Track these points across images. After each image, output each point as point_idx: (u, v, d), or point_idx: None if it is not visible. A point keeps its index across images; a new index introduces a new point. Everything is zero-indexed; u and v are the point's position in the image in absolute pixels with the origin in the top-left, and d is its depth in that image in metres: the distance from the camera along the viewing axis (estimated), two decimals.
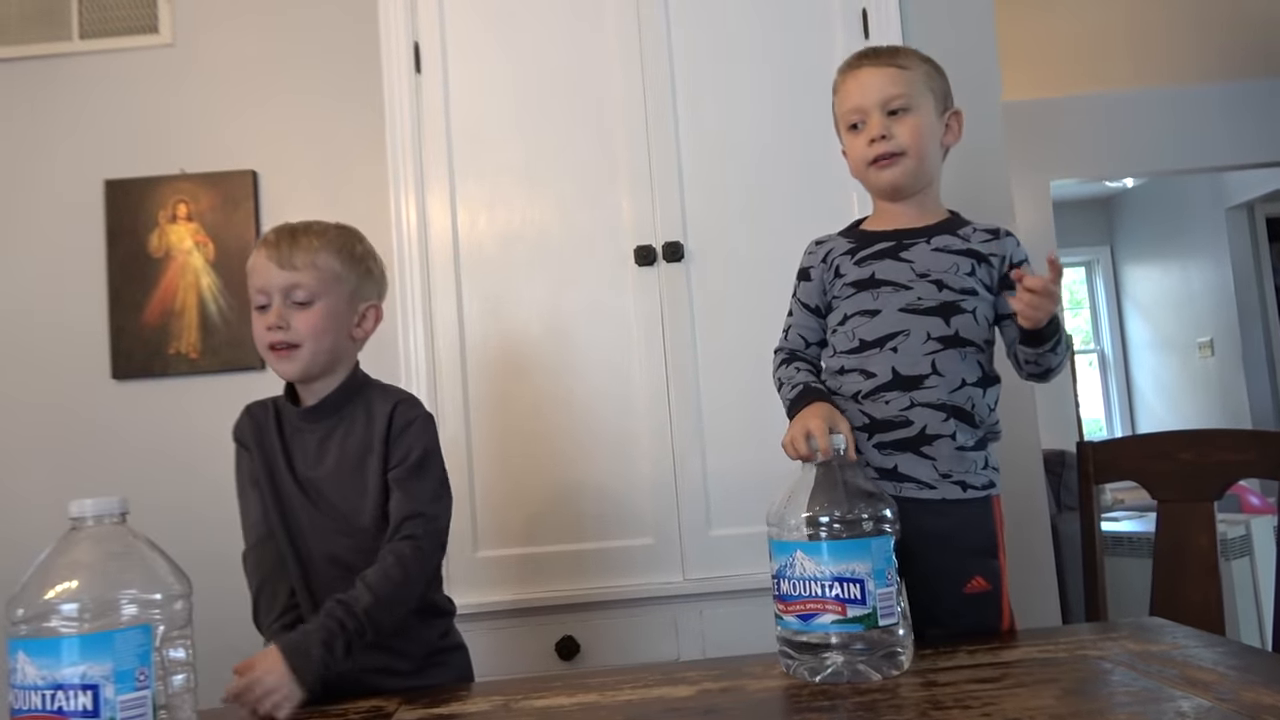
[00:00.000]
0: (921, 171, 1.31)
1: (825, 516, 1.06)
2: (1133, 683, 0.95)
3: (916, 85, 1.30)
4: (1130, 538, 2.88)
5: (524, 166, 2.03)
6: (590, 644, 1.89)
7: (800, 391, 1.27)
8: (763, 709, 0.98)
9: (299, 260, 1.25)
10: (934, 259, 1.28)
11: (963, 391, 1.26)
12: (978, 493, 1.27)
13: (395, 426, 1.28)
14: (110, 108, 2.29)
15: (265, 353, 1.28)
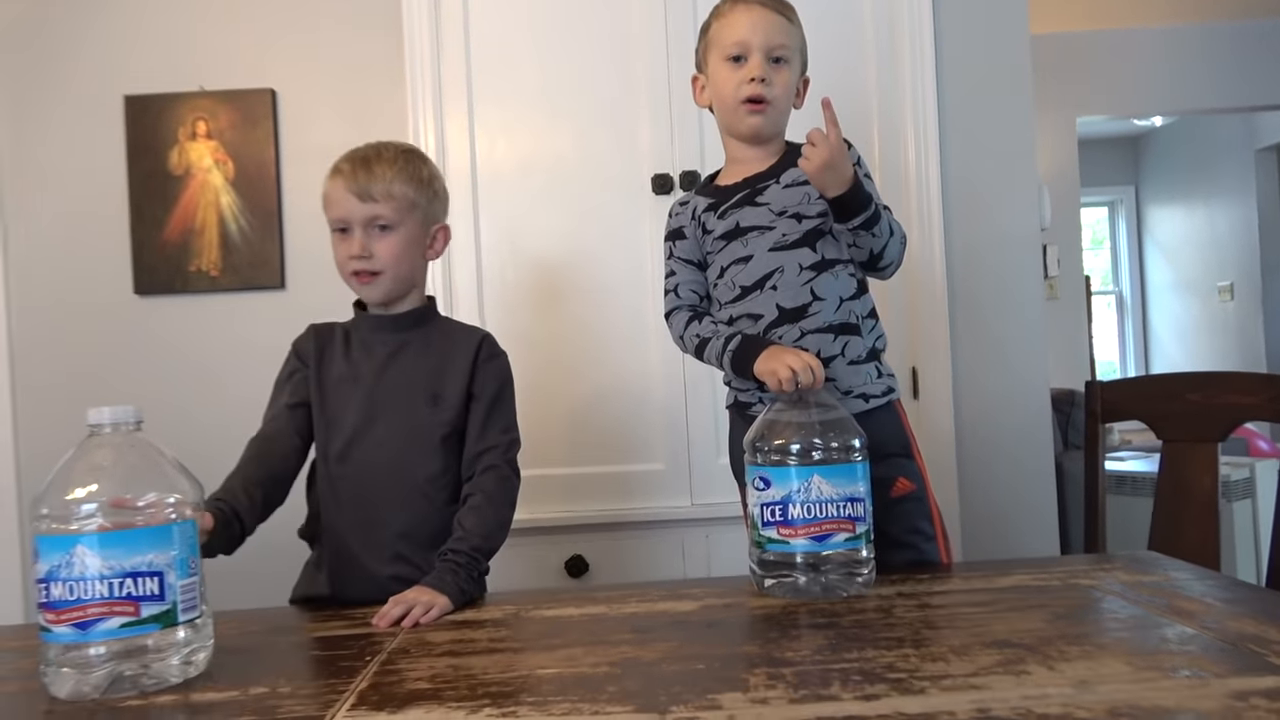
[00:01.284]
0: (779, 125, 1.37)
1: (835, 441, 1.12)
2: (1121, 610, 0.99)
3: (796, 43, 1.34)
4: (1134, 477, 2.91)
5: (544, 91, 2.02)
6: (599, 563, 1.95)
7: (742, 341, 1.29)
8: (762, 624, 1.02)
9: (376, 191, 1.30)
10: (787, 195, 1.33)
11: (844, 308, 1.32)
12: (879, 400, 1.34)
13: (483, 355, 1.36)
14: (131, 23, 2.28)
15: (348, 278, 1.34)
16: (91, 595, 0.87)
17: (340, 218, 1.31)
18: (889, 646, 0.88)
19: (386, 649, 0.99)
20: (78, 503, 0.89)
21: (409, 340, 1.37)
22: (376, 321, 1.38)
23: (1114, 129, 6.48)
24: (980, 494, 2.03)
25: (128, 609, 0.88)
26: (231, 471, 1.29)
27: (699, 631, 0.99)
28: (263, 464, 1.30)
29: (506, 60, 2.02)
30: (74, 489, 0.90)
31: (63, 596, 0.87)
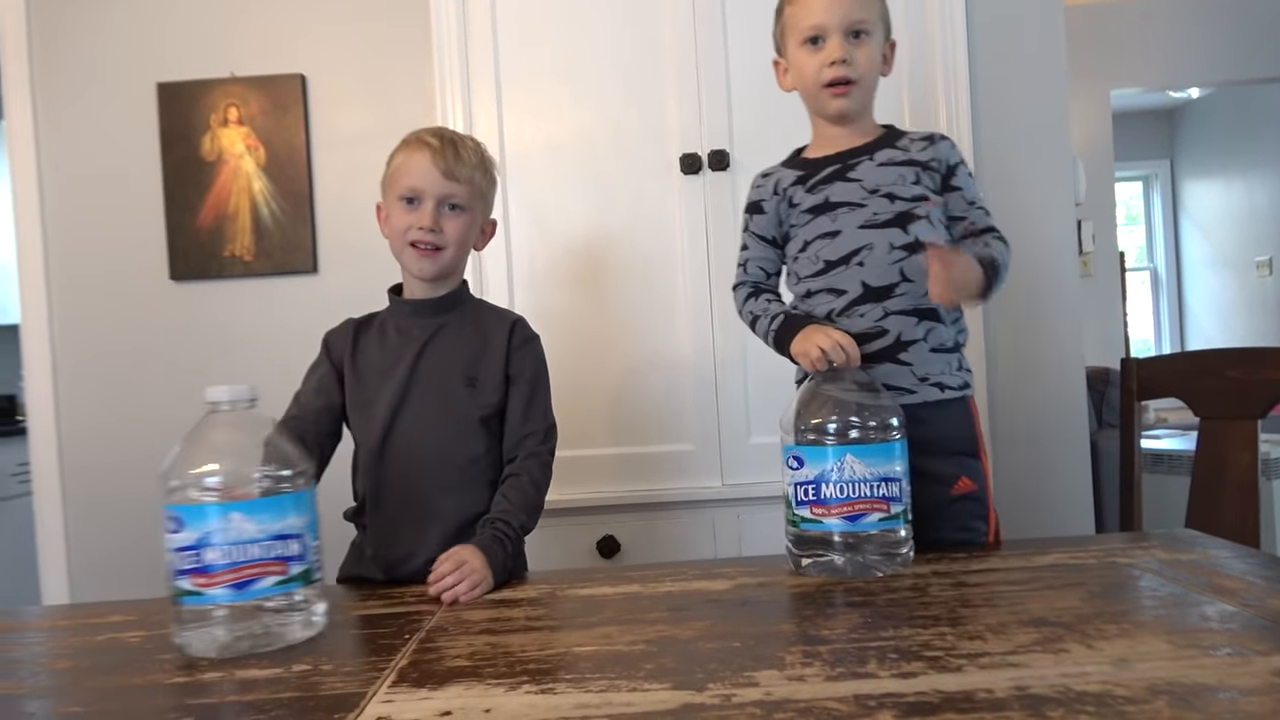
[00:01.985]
0: (867, 100, 1.34)
1: (871, 420, 1.12)
2: (1160, 588, 0.98)
3: (874, 12, 1.30)
4: (1171, 455, 2.88)
5: (570, 72, 2.01)
6: (631, 544, 1.96)
7: (784, 320, 1.30)
8: (797, 602, 1.02)
9: (461, 174, 1.34)
10: (881, 173, 1.31)
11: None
12: (955, 393, 1.31)
13: (517, 339, 1.39)
14: (161, 9, 2.30)
15: (405, 248, 1.35)
16: (249, 557, 0.95)
17: (417, 188, 1.33)
18: (925, 625, 0.88)
19: (425, 627, 1.01)
20: (221, 473, 0.97)
21: (445, 324, 1.38)
22: (414, 307, 1.39)
23: (1149, 101, 6.35)
24: (1015, 472, 2.02)
25: (278, 569, 0.97)
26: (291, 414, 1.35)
27: (733, 610, 0.99)
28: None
29: (533, 41, 2.02)
30: (205, 463, 0.98)
31: (217, 560, 0.95)
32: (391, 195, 1.36)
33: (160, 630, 1.07)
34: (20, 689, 0.91)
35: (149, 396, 2.29)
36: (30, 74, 2.31)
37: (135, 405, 2.30)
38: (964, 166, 1.35)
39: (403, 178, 1.35)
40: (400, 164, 1.36)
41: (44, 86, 2.32)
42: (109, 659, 0.98)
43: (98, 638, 1.06)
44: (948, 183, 1.34)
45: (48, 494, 2.32)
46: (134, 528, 2.30)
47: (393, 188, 1.36)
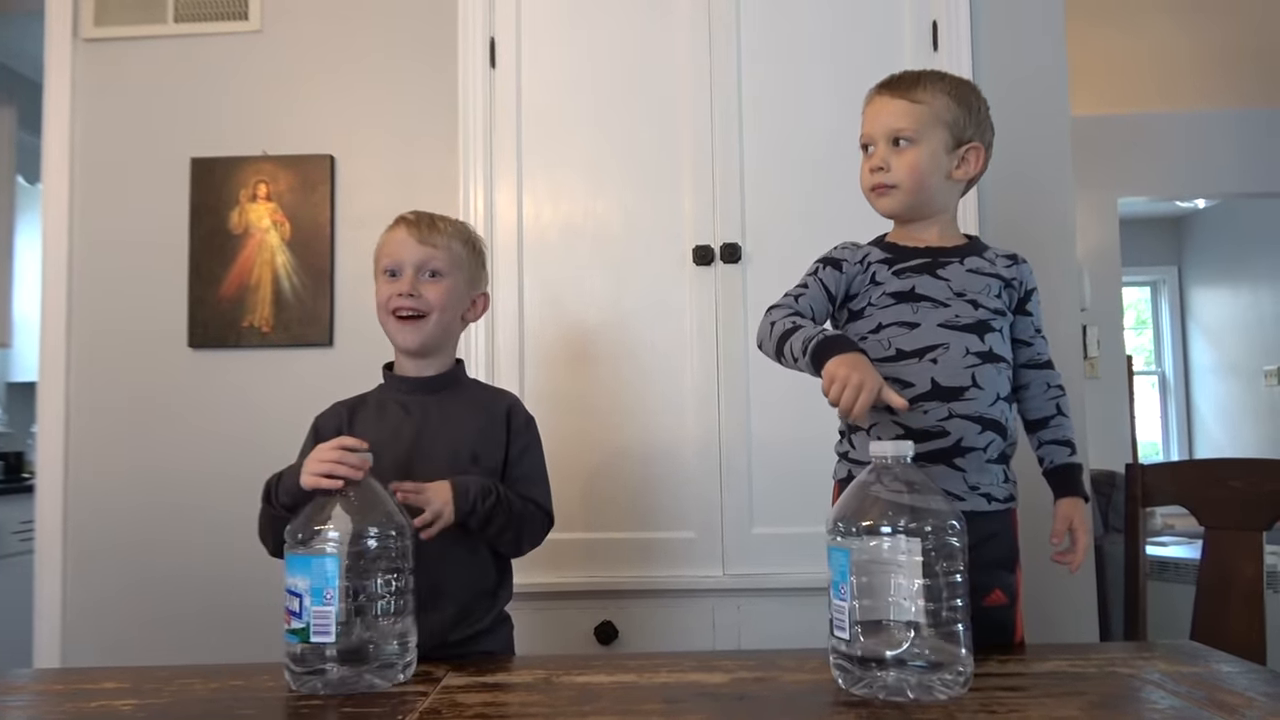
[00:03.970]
0: (919, 203, 1.34)
1: (928, 526, 1.01)
2: (1160, 701, 0.97)
3: (925, 119, 1.32)
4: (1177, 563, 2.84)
5: (590, 162, 2.07)
6: (629, 630, 1.94)
7: (829, 337, 1.21)
8: (795, 700, 1.01)
9: (437, 240, 1.39)
10: (969, 279, 1.33)
11: (997, 405, 1.29)
12: (1001, 505, 1.31)
13: (516, 420, 1.42)
14: (200, 89, 2.39)
15: (388, 319, 1.39)
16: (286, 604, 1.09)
17: (395, 259, 1.38)
18: None
19: (418, 709, 1.00)
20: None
21: (444, 402, 1.40)
22: (411, 384, 1.41)
23: (1156, 209, 6.46)
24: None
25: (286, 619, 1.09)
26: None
27: (730, 705, 0.98)
28: None
29: (555, 132, 2.08)
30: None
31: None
32: (377, 274, 1.41)
33: (153, 700, 1.06)
34: None
35: (159, 460, 2.31)
36: (70, 141, 2.40)
37: (144, 468, 2.31)
38: (1038, 294, 1.39)
39: (384, 256, 1.40)
40: (382, 242, 1.42)
41: (82, 154, 2.40)
42: None
43: (90, 704, 1.05)
44: (1023, 305, 1.37)
45: (49, 550, 2.32)
46: (132, 589, 2.29)
47: (379, 267, 1.41)
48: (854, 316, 1.36)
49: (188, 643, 2.25)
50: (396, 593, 1.11)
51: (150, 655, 2.20)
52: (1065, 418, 1.38)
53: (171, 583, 2.28)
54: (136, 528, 2.29)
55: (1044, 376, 1.39)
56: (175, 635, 2.27)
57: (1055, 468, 1.37)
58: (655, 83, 2.07)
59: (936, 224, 1.36)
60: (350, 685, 1.06)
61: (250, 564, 1.41)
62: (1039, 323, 1.40)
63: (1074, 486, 1.36)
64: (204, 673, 1.18)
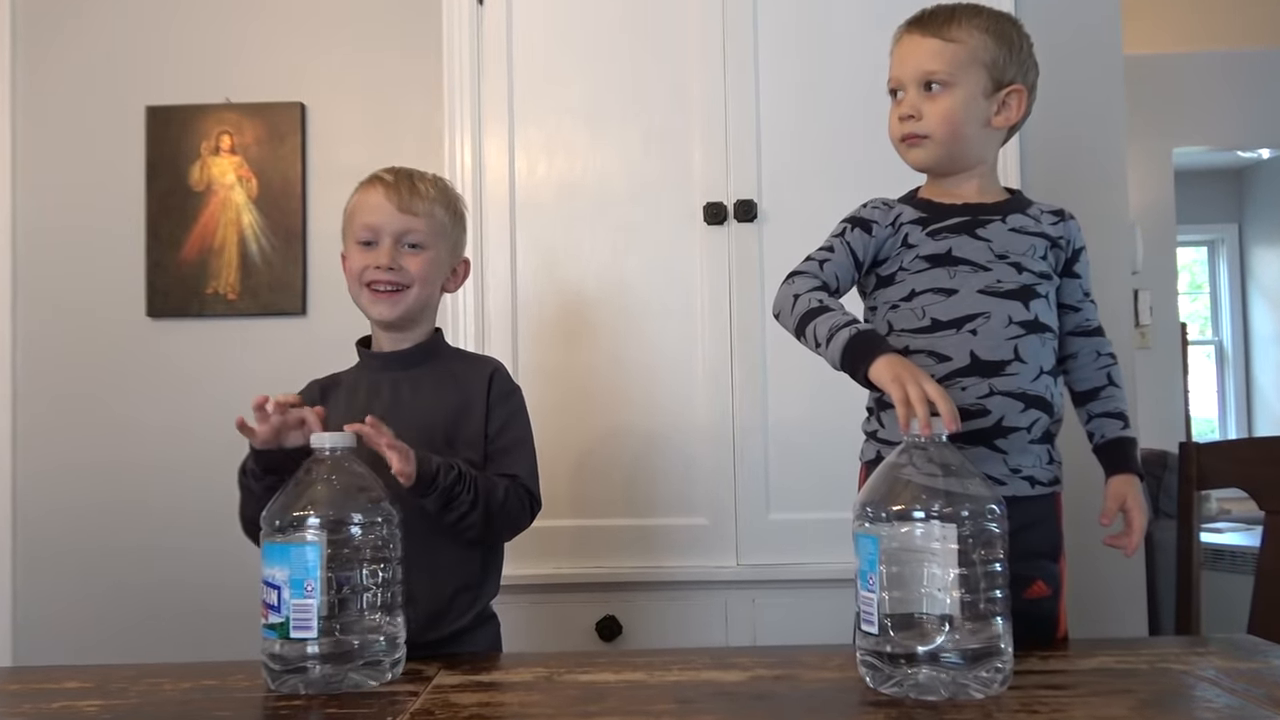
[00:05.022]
0: (954, 155, 1.33)
1: (966, 511, 1.01)
2: (1215, 699, 0.98)
3: (960, 60, 1.30)
4: (1234, 551, 2.87)
5: (590, 111, 2.07)
6: (633, 626, 1.96)
7: (864, 333, 1.21)
8: (818, 700, 1.03)
9: (418, 207, 1.38)
10: (1012, 239, 1.32)
11: (1042, 380, 1.29)
12: (1045, 489, 1.31)
13: (497, 391, 1.42)
14: (155, 30, 2.38)
15: (361, 290, 1.38)
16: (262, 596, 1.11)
17: (372, 226, 1.37)
18: None
19: (408, 709, 1.01)
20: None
21: (419, 378, 1.40)
22: (384, 360, 1.42)
23: (1215, 161, 6.42)
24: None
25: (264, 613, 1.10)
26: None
27: (748, 705, 1.00)
28: None
29: (551, 77, 2.08)
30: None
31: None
32: (348, 241, 1.41)
33: (119, 700, 1.08)
34: None
35: (116, 443, 2.32)
36: (12, 89, 2.39)
37: (100, 452, 2.33)
38: (1086, 253, 1.39)
39: (358, 218, 1.39)
40: (355, 204, 1.41)
41: (25, 103, 2.39)
42: None
43: (52, 704, 1.07)
44: (1070, 266, 1.37)
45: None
46: (89, 584, 2.31)
47: (349, 232, 1.40)
48: (884, 282, 1.36)
49: (150, 639, 2.28)
50: (383, 584, 1.12)
51: (110, 654, 2.22)
52: (1117, 388, 1.39)
53: (132, 576, 2.30)
54: (93, 518, 2.31)
55: (1093, 344, 1.39)
56: (137, 632, 2.30)
57: (1106, 442, 1.37)
58: (663, 22, 2.06)
59: (975, 177, 1.36)
60: (334, 684, 1.07)
61: (219, 555, 1.43)
62: (1087, 285, 1.40)
63: (1127, 463, 1.35)
64: (173, 672, 1.19)
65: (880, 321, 1.35)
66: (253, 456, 1.29)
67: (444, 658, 1.23)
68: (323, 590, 1.07)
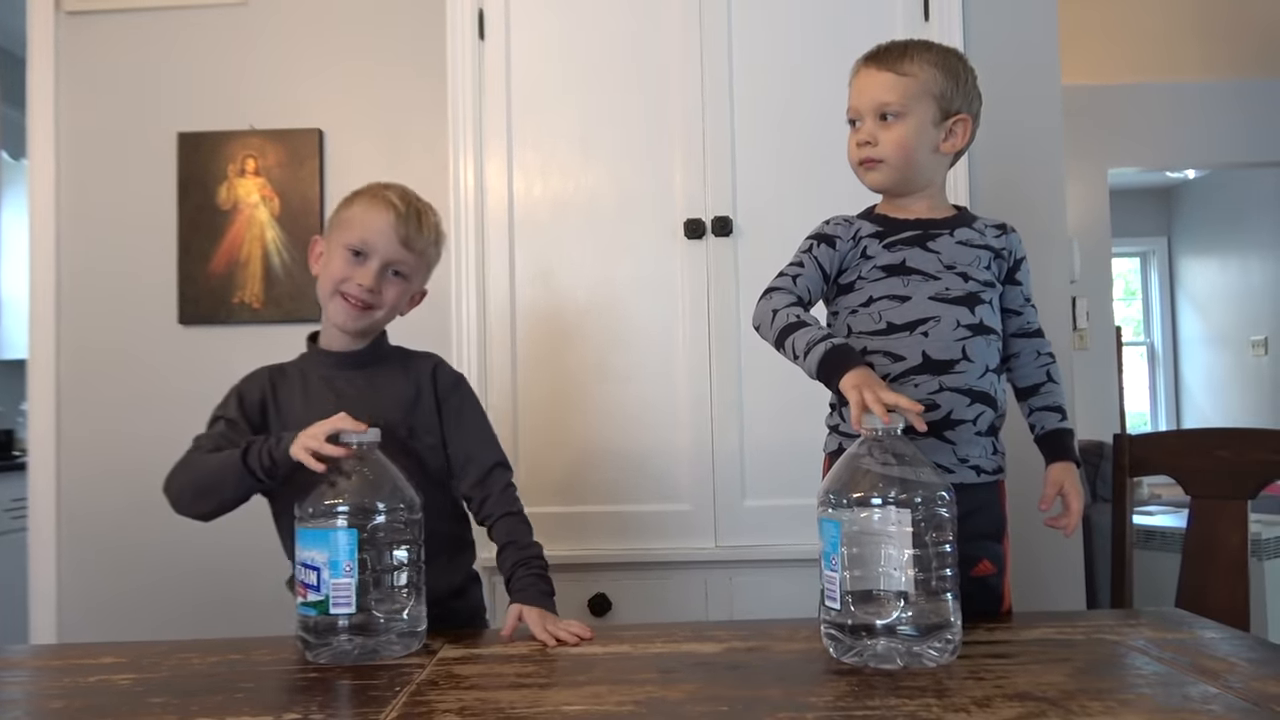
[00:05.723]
0: (907, 177, 1.34)
1: (919, 497, 1.03)
2: (1145, 666, 0.99)
3: (912, 92, 1.31)
4: (1163, 532, 2.88)
5: (580, 136, 2.07)
6: (622, 602, 1.96)
7: (838, 347, 1.20)
8: (787, 669, 1.03)
9: (417, 244, 1.35)
10: (959, 251, 1.33)
11: (987, 378, 1.31)
12: (989, 477, 1.32)
13: (443, 382, 1.40)
14: (186, 62, 2.37)
15: (334, 297, 1.33)
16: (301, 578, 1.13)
17: (369, 244, 1.32)
18: (911, 695, 0.89)
19: (415, 680, 1.01)
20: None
21: (374, 376, 1.37)
22: (337, 359, 1.38)
23: (1146, 180, 6.47)
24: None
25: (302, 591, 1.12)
26: (208, 450, 1.29)
27: (723, 674, 1.00)
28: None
29: (545, 105, 2.07)
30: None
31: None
32: (337, 240, 1.34)
33: (150, 673, 1.07)
34: None
35: (150, 436, 2.30)
36: (56, 116, 2.37)
37: (135, 444, 2.31)
38: (1027, 263, 1.40)
39: (357, 228, 1.33)
40: (359, 215, 1.34)
41: (68, 129, 2.38)
42: (100, 700, 0.98)
43: (89, 679, 1.06)
44: (1012, 275, 1.39)
45: (43, 530, 2.33)
46: (125, 566, 2.30)
47: (342, 233, 1.34)
48: (844, 290, 1.37)
49: (182, 618, 2.26)
50: (409, 565, 1.14)
51: (145, 631, 2.21)
52: (1056, 384, 1.40)
53: (165, 559, 2.28)
54: (129, 504, 2.30)
55: (1034, 345, 1.40)
56: (170, 610, 2.28)
57: (1046, 433, 1.39)
58: (646, 53, 2.06)
59: (925, 196, 1.37)
60: (365, 656, 1.09)
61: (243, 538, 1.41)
62: (1028, 291, 1.41)
63: (1065, 451, 1.37)
64: (201, 647, 1.19)
65: (840, 325, 1.36)
66: (280, 461, 1.20)
67: (447, 633, 1.23)
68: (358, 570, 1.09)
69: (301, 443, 1.16)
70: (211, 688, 1.02)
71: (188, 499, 1.27)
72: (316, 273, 1.38)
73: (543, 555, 1.31)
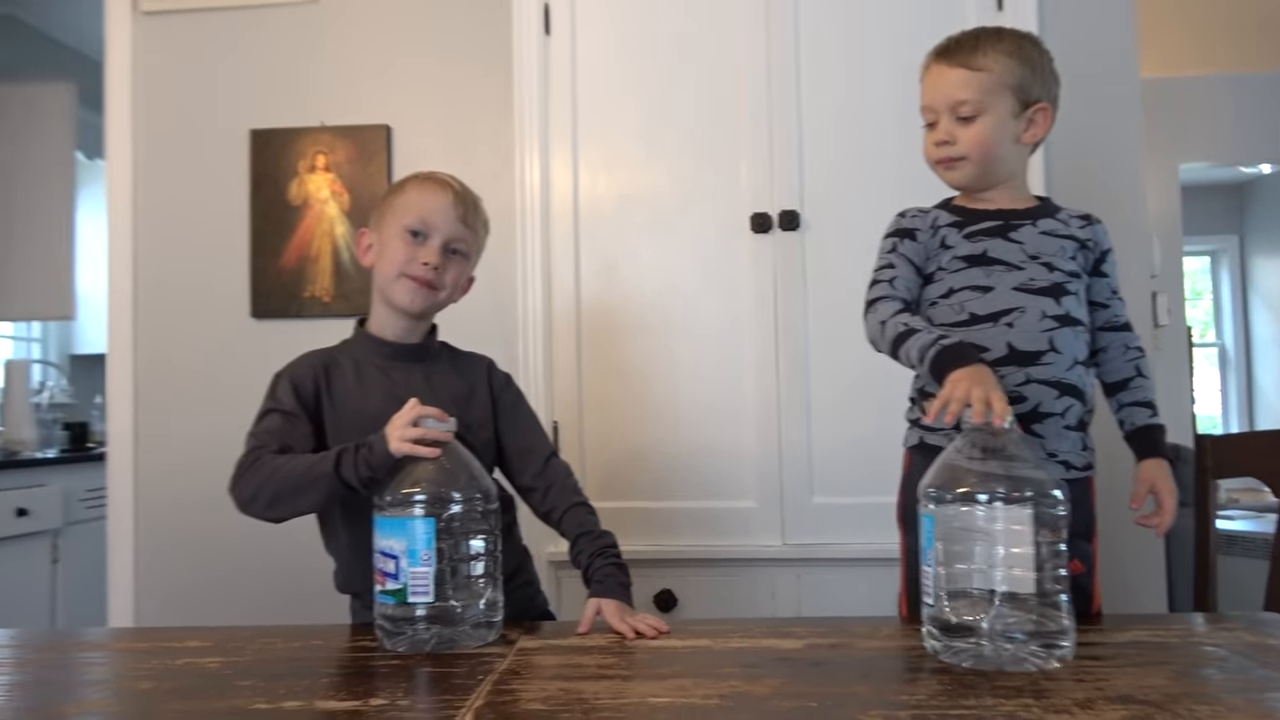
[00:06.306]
0: (987, 172, 1.31)
1: (1029, 493, 0.99)
2: (1249, 671, 0.95)
3: (989, 87, 1.27)
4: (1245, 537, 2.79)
5: (645, 130, 2.06)
6: (688, 599, 1.95)
7: (960, 344, 1.16)
8: (872, 665, 1.01)
9: (473, 222, 1.39)
10: (1043, 241, 1.29)
11: (1075, 370, 1.27)
12: (1079, 473, 1.28)
13: (497, 380, 1.44)
14: (258, 61, 2.41)
15: (399, 280, 1.34)
16: (378, 565, 1.14)
17: (430, 223, 1.34)
18: (1007, 695, 0.87)
19: (497, 669, 1.01)
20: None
21: (428, 370, 1.38)
22: (393, 350, 1.38)
23: (1218, 176, 6.27)
24: None
25: (380, 580, 1.13)
26: (286, 457, 1.26)
27: (807, 670, 0.98)
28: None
29: (610, 99, 2.07)
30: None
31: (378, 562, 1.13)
32: (394, 226, 1.35)
33: (237, 657, 1.09)
34: (109, 707, 0.93)
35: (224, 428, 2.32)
36: (132, 114, 2.43)
37: (209, 435, 2.35)
38: (1113, 254, 1.36)
39: (415, 209, 1.34)
40: (414, 198, 1.36)
41: (144, 130, 2.43)
42: (189, 683, 1.00)
43: (176, 662, 1.08)
44: (1098, 267, 1.35)
45: (122, 520, 2.38)
46: (200, 555, 2.34)
47: (399, 218, 1.35)
48: (924, 281, 1.34)
49: (255, 609, 2.30)
50: (485, 555, 1.14)
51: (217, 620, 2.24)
52: (1145, 379, 1.36)
53: (238, 550, 2.32)
54: (203, 496, 2.34)
55: (1122, 338, 1.36)
56: (243, 602, 2.32)
57: (1136, 430, 1.34)
58: (712, 46, 2.04)
59: (1008, 188, 1.33)
60: (442, 644, 1.09)
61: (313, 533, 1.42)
62: (1115, 284, 1.37)
63: (1157, 448, 1.33)
64: (284, 633, 1.20)
65: (920, 317, 1.32)
66: (377, 463, 1.17)
67: (523, 623, 1.23)
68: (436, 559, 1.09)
69: (401, 435, 1.15)
70: (296, 672, 1.03)
71: (262, 503, 1.25)
72: (369, 263, 1.40)
73: (616, 544, 1.31)
